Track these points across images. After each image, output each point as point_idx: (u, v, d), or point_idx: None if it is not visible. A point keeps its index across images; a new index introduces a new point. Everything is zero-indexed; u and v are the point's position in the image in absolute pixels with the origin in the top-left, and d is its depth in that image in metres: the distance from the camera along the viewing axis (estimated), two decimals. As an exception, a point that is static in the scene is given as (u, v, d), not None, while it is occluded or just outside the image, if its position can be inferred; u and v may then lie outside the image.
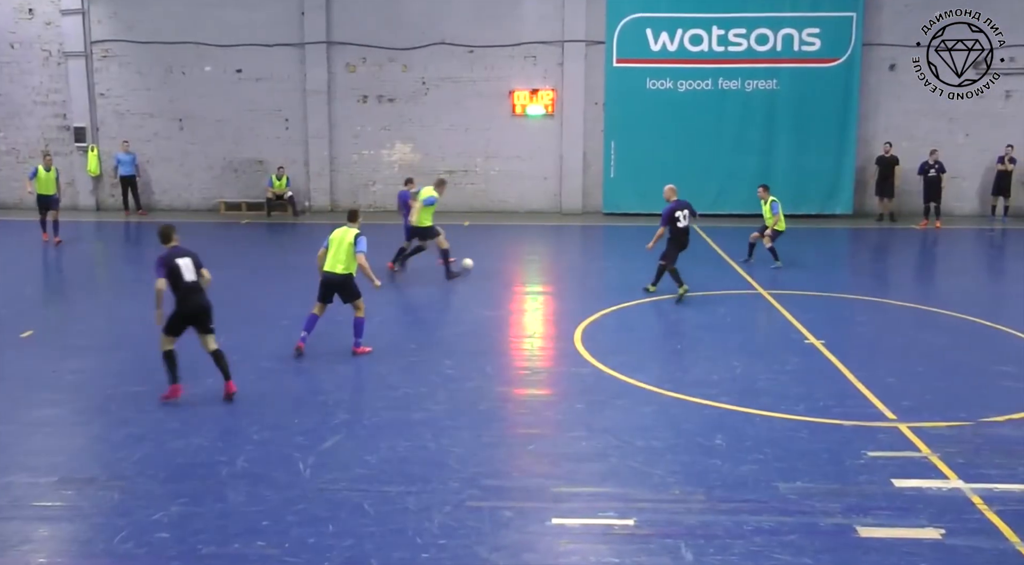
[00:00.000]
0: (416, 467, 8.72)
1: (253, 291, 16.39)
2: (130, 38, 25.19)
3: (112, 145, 25.44)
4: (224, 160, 25.50)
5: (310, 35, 24.54)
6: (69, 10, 25.02)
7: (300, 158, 25.18)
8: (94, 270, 19.60)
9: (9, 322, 13.87)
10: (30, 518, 7.92)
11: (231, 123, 25.28)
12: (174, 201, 25.75)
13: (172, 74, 25.26)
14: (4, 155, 25.99)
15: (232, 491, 8.26)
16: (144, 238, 23.00)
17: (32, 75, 25.60)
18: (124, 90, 25.57)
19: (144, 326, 13.48)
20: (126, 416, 10.27)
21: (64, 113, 25.68)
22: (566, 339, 13.16)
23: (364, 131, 25.03)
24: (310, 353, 12.35)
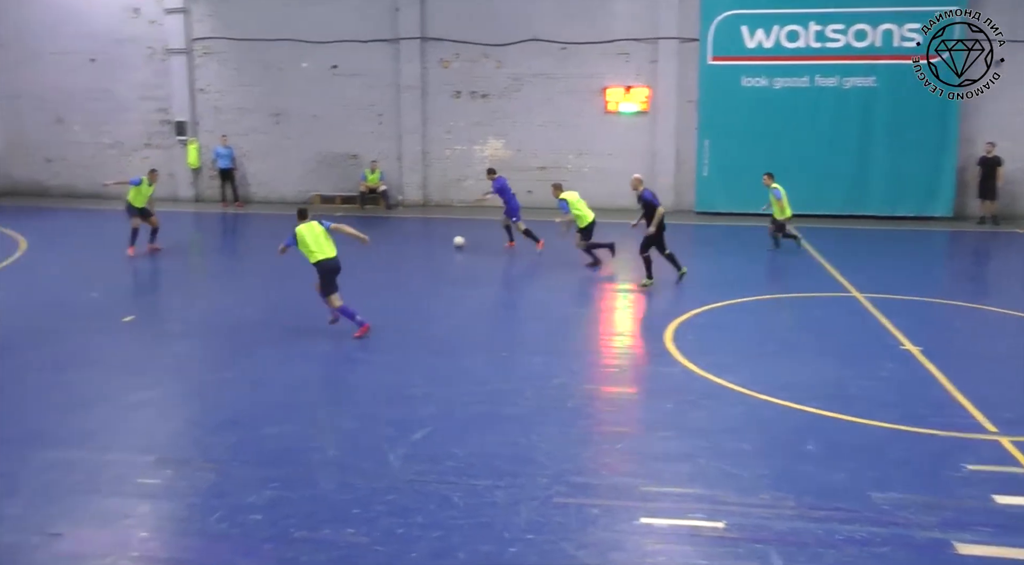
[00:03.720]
0: (504, 462, 8.75)
1: (344, 283, 16.61)
2: (229, 35, 25.82)
3: (211, 139, 26.12)
4: (318, 154, 25.96)
5: (404, 31, 24.81)
6: (172, 9, 25.76)
7: (393, 153, 25.48)
8: (192, 259, 20.15)
9: (112, 308, 14.35)
10: (130, 495, 8.20)
11: (326, 118, 25.72)
12: (270, 194, 26.31)
13: (269, 70, 25.80)
14: (108, 148, 26.88)
15: (323, 478, 8.41)
16: (241, 229, 23.62)
17: (136, 72, 26.43)
18: (223, 86, 26.22)
19: (237, 314, 13.86)
20: (221, 401, 10.57)
21: (165, 108, 26.46)
22: (656, 338, 13.05)
23: (456, 126, 25.20)
24: (400, 346, 12.50)
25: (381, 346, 12.54)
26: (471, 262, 17.61)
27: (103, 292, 15.48)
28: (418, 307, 14.91)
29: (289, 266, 16.51)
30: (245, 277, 16.60)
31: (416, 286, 16.77)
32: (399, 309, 14.79)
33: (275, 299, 15.24)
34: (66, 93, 26.82)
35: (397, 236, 21.68)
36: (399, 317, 14.19)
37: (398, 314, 14.39)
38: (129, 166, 26.17)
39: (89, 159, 26.80)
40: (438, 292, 16.21)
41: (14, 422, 10.06)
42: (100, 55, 26.48)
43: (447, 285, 16.70)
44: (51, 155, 27.31)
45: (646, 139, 24.52)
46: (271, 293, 15.77)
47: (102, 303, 14.71)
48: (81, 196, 26.73)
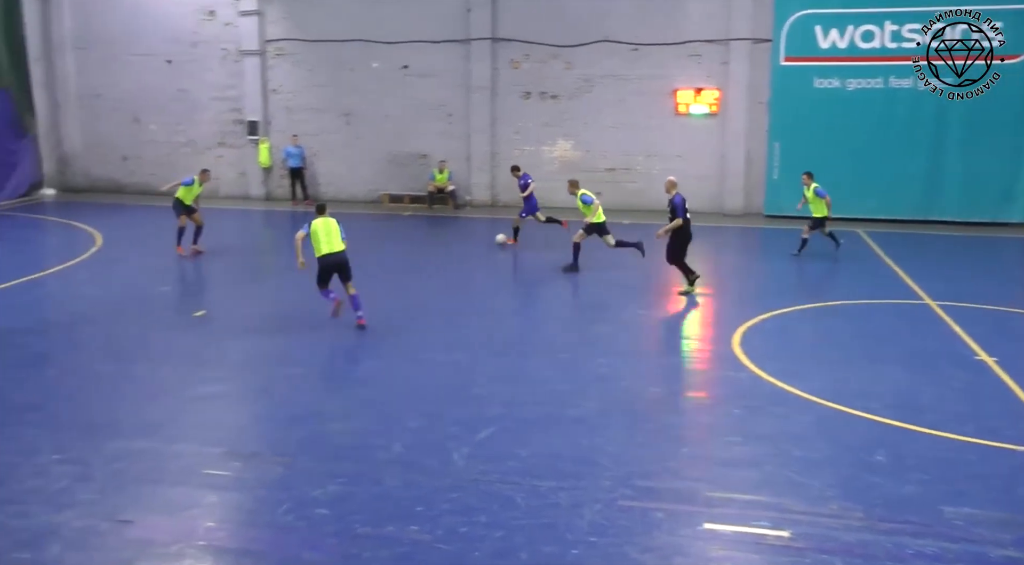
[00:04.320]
0: (568, 463, 8.73)
1: (412, 282, 16.77)
2: (302, 37, 26.18)
3: (282, 139, 26.51)
4: (388, 154, 26.18)
5: (475, 32, 24.90)
6: (247, 11, 26.21)
7: (462, 153, 25.58)
8: (262, 257, 20.45)
9: (184, 303, 14.65)
10: (198, 485, 8.37)
11: (396, 118, 25.93)
12: (339, 192, 26.59)
13: (340, 71, 26.10)
14: (182, 146, 27.43)
15: (388, 475, 8.48)
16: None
17: (211, 72, 26.94)
18: (294, 86, 26.59)
19: (306, 311, 14.05)
20: (289, 396, 10.72)
21: (238, 108, 26.92)
22: (723, 342, 12.91)
23: (525, 127, 25.21)
24: (466, 346, 12.55)
25: (447, 345, 12.60)
26: (536, 262, 17.59)
27: (175, 287, 15.81)
28: (483, 307, 14.96)
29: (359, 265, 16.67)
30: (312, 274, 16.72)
31: (481, 286, 16.83)
32: (465, 308, 14.86)
33: (343, 296, 15.36)
34: (143, 93, 27.45)
35: (464, 236, 21.76)
36: (464, 316, 14.25)
37: (463, 313, 14.45)
38: (201, 165, 26.60)
39: (163, 157, 27.38)
40: (503, 292, 16.26)
41: (87, 412, 10.33)
42: (176, 57, 27.04)
43: (512, 285, 16.75)
44: (127, 153, 27.96)
45: (716, 141, 24.28)
46: (339, 290, 15.91)
47: (173, 298, 15.02)
48: (155, 194, 27.28)
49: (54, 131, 28.05)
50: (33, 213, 24.32)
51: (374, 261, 17.30)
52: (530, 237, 19.95)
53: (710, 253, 19.09)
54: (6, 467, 8.82)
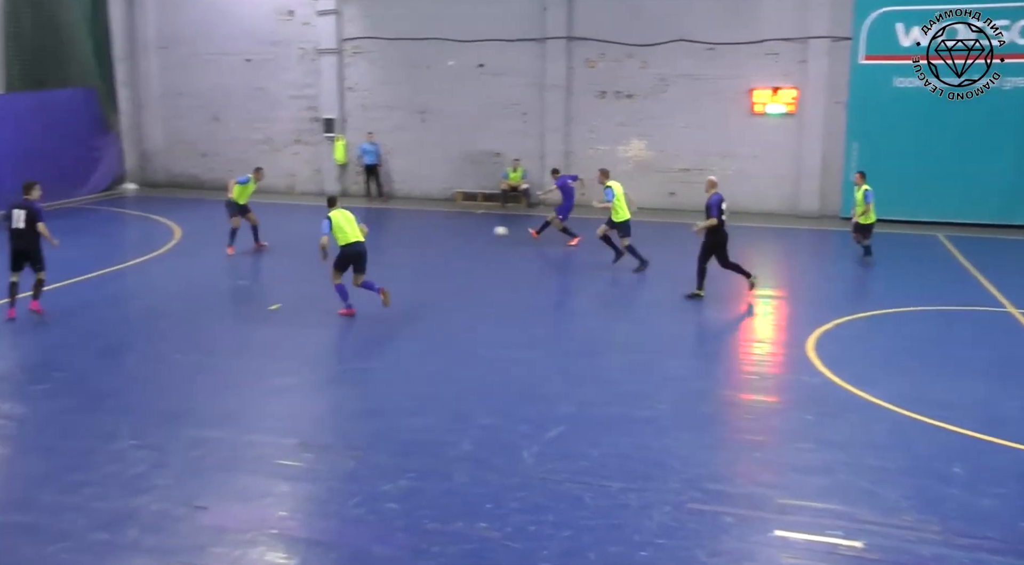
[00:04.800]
0: (638, 464, 8.68)
1: (484, 279, 16.83)
2: (378, 35, 26.43)
3: (357, 136, 26.80)
4: (462, 152, 26.30)
5: (551, 30, 24.87)
6: (325, 10, 26.56)
7: (536, 152, 25.56)
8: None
9: (260, 296, 14.90)
10: (271, 475, 8.53)
11: (470, 116, 26.03)
12: (412, 190, 26.80)
13: (416, 69, 26.29)
14: (260, 144, 27.90)
15: (457, 472, 8.53)
16: (384, 223, 24.13)
17: (288, 71, 27.36)
18: (370, 84, 26.87)
19: (380, 306, 14.20)
20: (362, 390, 10.87)
21: (315, 106, 27.28)
22: (797, 346, 12.71)
23: (600, 127, 25.10)
24: (538, 344, 12.57)
25: (519, 343, 12.63)
26: (606, 261, 17.49)
27: (251, 281, 16.10)
28: (553, 305, 14.95)
29: (432, 262, 16.86)
30: (388, 270, 16.88)
31: (555, 284, 16.80)
32: (535, 306, 14.87)
33: (417, 292, 15.52)
34: (222, 92, 28.00)
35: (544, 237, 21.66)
36: (535, 314, 14.26)
37: (534, 311, 14.46)
38: (277, 161, 27.15)
39: (241, 154, 27.85)
40: (574, 290, 16.21)
41: (164, 400, 10.60)
42: (255, 56, 27.52)
43: (582, 284, 16.65)
44: (206, 150, 28.54)
45: (792, 141, 23.89)
46: (413, 286, 16.06)
47: (250, 291, 15.28)
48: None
49: (137, 128, 28.78)
50: (115, 207, 24.99)
51: (445, 258, 17.42)
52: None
53: (784, 255, 18.82)
54: (86, 451, 9.11)
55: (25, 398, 10.76)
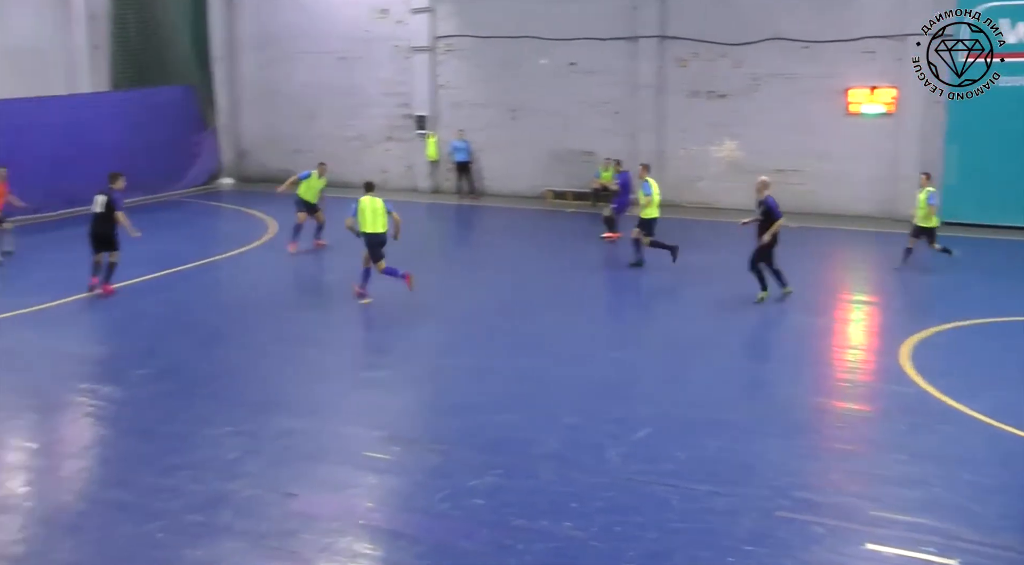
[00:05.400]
0: (725, 469, 8.57)
1: (571, 278, 16.81)
2: (471, 33, 26.58)
3: (449, 133, 27.01)
4: (553, 150, 26.27)
5: (643, 29, 24.69)
6: (419, 8, 26.83)
7: (627, 151, 25.40)
8: (429, 247, 20.87)
9: (350, 291, 15.08)
10: (359, 466, 8.68)
11: (561, 114, 25.98)
12: (503, 187, 26.88)
13: (508, 67, 26.36)
14: (352, 140, 28.32)
15: (543, 470, 8.54)
16: (475, 220, 24.35)
17: (381, 68, 27.71)
18: (462, 82, 27.04)
19: (470, 303, 14.32)
20: (450, 386, 10.98)
21: (407, 103, 27.58)
22: (890, 354, 12.37)
23: (692, 126, 24.81)
24: (627, 344, 12.51)
25: (605, 343, 12.59)
26: (703, 263, 17.28)
27: (341, 275, 16.30)
28: (645, 307, 14.83)
29: (520, 259, 16.91)
30: (479, 267, 17.11)
31: (644, 286, 16.62)
32: (623, 306, 14.79)
33: (507, 291, 15.60)
34: (316, 89, 28.49)
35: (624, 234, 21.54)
36: (622, 314, 14.19)
37: (622, 311, 14.40)
38: (369, 158, 27.52)
39: (334, 151, 28.20)
40: (662, 291, 16.02)
41: (258, 389, 10.88)
42: (349, 54, 27.95)
43: (670, 285, 16.43)
44: (300, 147, 29.04)
45: (889, 143, 23.25)
46: (503, 285, 16.15)
47: (341, 285, 15.50)
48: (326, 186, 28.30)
49: (233, 125, 29.48)
50: (212, 201, 25.65)
51: (533, 256, 17.44)
52: (693, 237, 19.62)
53: (879, 260, 18.33)
54: (183, 436, 9.40)
55: (126, 383, 11.13)
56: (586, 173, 25.61)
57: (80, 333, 13.63)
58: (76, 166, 20.57)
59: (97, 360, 12.25)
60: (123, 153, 23.31)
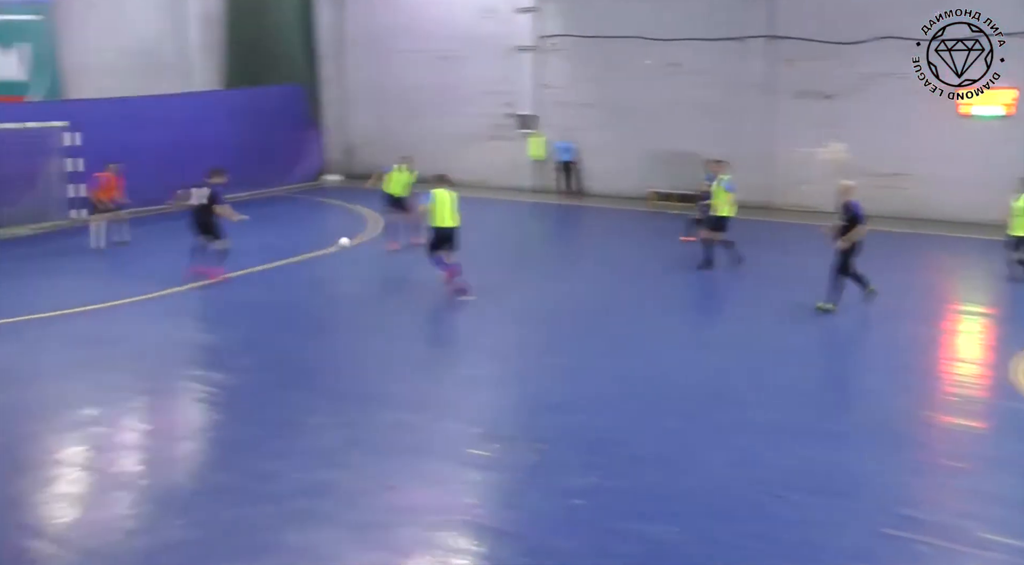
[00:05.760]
0: (828, 480, 8.39)
1: (672, 280, 16.69)
2: (576, 33, 26.58)
3: (553, 132, 27.05)
4: (657, 151, 26.03)
5: (749, 29, 24.30)
6: (525, 8, 26.96)
7: (732, 153, 25.02)
8: (530, 246, 21.00)
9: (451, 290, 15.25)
10: (460, 462, 8.78)
11: (666, 115, 25.75)
12: (606, 188, 26.77)
13: (612, 67, 26.25)
14: (456, 138, 28.50)
15: (643, 472, 8.51)
16: (578, 221, 24.35)
17: (486, 67, 27.90)
18: (566, 82, 27.04)
19: (573, 303, 14.32)
20: (551, 385, 10.99)
21: (511, 102, 27.72)
22: (1002, 368, 11.91)
23: (799, 128, 24.30)
24: (724, 347, 12.36)
25: (706, 345, 12.48)
26: (804, 267, 16.92)
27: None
28: (743, 310, 14.57)
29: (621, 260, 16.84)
30: (579, 267, 17.10)
31: (748, 290, 16.32)
32: (724, 311, 14.59)
33: (606, 291, 15.56)
34: (422, 87, 28.85)
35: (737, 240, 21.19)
36: (723, 317, 14.00)
37: (724, 316, 14.20)
38: (473, 156, 27.75)
39: (437, 148, 28.52)
40: (765, 297, 15.63)
41: (361, 381, 11.11)
42: (454, 53, 28.23)
43: (773, 290, 16.04)
44: (405, 143, 29.41)
45: (1008, 146, 22.34)
46: (603, 285, 16.11)
47: (440, 282, 15.64)
48: (429, 182, 28.48)
49: (340, 122, 30.11)
50: (318, 196, 26.20)
51: (635, 257, 17.34)
52: (794, 240, 19.26)
53: (991, 269, 17.66)
54: (287, 423, 9.66)
55: (233, 370, 11.49)
56: (690, 174, 25.25)
57: (190, 322, 14.13)
58: (188, 162, 21.20)
59: (207, 348, 12.66)
60: (233, 150, 24.06)
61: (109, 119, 21.56)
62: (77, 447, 9.30)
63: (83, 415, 10.01)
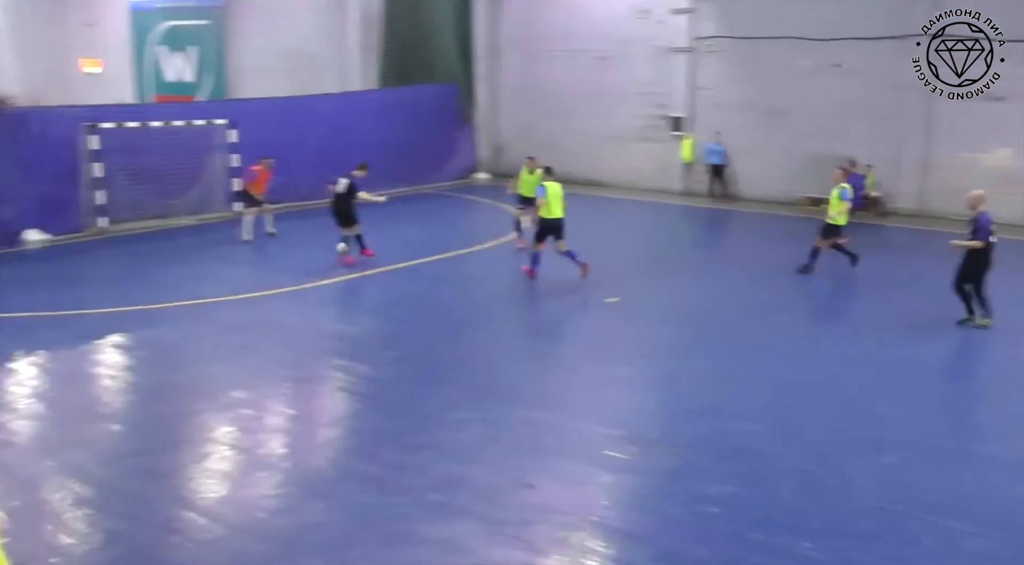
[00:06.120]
0: (984, 507, 7.86)
1: (815, 289, 16.14)
2: (731, 34, 26.02)
3: (704, 135, 26.59)
4: (811, 155, 25.22)
5: (913, 27, 23.23)
6: (680, 9, 26.59)
7: (891, 157, 24.05)
8: (676, 249, 20.69)
9: (598, 288, 15.17)
10: (596, 463, 8.70)
11: (822, 118, 24.92)
12: (756, 192, 26.13)
13: (768, 68, 25.58)
14: (605, 140, 28.43)
15: (784, 484, 8.23)
16: (725, 224, 23.87)
17: (639, 69, 27.64)
18: (720, 83, 26.51)
19: (717, 307, 14.02)
20: (692, 389, 10.78)
21: (663, 104, 27.38)
22: None
23: (964, 132, 23.09)
24: (867, 360, 11.82)
25: (851, 358, 11.95)
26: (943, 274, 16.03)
27: (592, 272, 16.40)
28: (891, 323, 13.81)
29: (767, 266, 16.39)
30: (725, 271, 16.69)
31: (894, 301, 15.56)
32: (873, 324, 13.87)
33: (751, 297, 15.16)
34: (572, 88, 28.82)
35: (880, 246, 20.38)
36: (873, 333, 13.32)
37: (872, 330, 13.50)
38: (622, 158, 27.59)
39: (586, 149, 28.54)
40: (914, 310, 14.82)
41: (501, 378, 11.16)
42: (607, 54, 28.09)
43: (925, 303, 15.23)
44: (555, 144, 29.47)
45: None
46: (747, 290, 15.71)
47: (590, 282, 15.59)
48: (577, 183, 28.55)
49: (491, 122, 30.42)
50: (467, 194, 26.53)
51: (782, 263, 16.77)
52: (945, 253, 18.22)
53: None
54: (429, 417, 9.78)
55: (377, 363, 11.73)
56: (843, 179, 24.38)
57: (336, 313, 14.57)
58: (342, 159, 21.83)
59: (351, 339, 12.96)
60: (387, 147, 24.64)
61: (267, 117, 22.53)
62: (227, 427, 9.70)
63: (233, 397, 10.44)
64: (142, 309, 13.88)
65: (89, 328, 13.17)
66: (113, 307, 14.06)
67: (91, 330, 13.08)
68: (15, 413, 10.02)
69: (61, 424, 9.82)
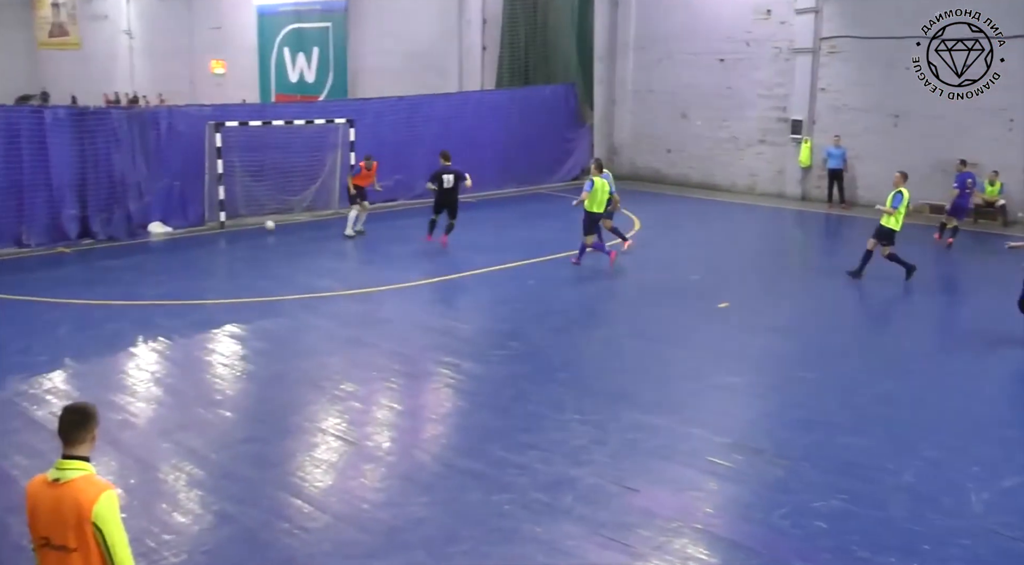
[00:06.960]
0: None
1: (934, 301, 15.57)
2: (856, 34, 25.28)
3: (824, 138, 25.94)
4: (934, 160, 24.32)
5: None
6: (803, 9, 25.97)
7: (1019, 163, 23.03)
8: (791, 255, 20.29)
9: (710, 293, 15.00)
10: (702, 470, 8.64)
11: (949, 121, 23.99)
12: (876, 198, 25.13)
13: (893, 69, 24.75)
14: (724, 143, 28.02)
15: (895, 502, 8.00)
16: (843, 231, 23.23)
17: (760, 70, 27.14)
18: (843, 85, 25.80)
19: (830, 318, 13.67)
20: (802, 400, 10.58)
21: (783, 106, 26.82)
22: None
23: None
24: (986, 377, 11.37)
25: (969, 373, 11.51)
26: None
27: (703, 277, 16.23)
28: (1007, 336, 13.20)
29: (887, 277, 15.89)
30: (838, 280, 16.23)
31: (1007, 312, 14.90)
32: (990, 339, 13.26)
33: (864, 307, 14.78)
34: (692, 90, 28.50)
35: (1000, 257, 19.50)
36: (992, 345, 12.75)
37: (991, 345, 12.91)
38: (740, 161, 27.16)
39: (705, 152, 28.22)
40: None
41: (610, 380, 11.15)
42: (728, 55, 27.66)
43: None
44: (671, 146, 29.27)
45: None
46: (861, 300, 15.32)
47: (701, 287, 15.44)
48: (693, 186, 28.30)
49: (607, 122, 30.33)
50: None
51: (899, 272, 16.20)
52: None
53: None
54: (534, 417, 9.86)
55: (486, 361, 11.87)
56: (969, 186, 23.44)
57: (447, 310, 14.79)
58: (460, 158, 22.21)
59: (460, 336, 13.11)
60: (504, 147, 24.86)
61: (385, 116, 23.02)
62: (335, 419, 9.97)
63: (343, 390, 10.72)
64: (258, 301, 14.38)
65: (207, 317, 13.74)
66: (231, 298, 14.63)
67: (209, 319, 13.65)
68: (136, 396, 10.53)
69: (178, 408, 10.26)
